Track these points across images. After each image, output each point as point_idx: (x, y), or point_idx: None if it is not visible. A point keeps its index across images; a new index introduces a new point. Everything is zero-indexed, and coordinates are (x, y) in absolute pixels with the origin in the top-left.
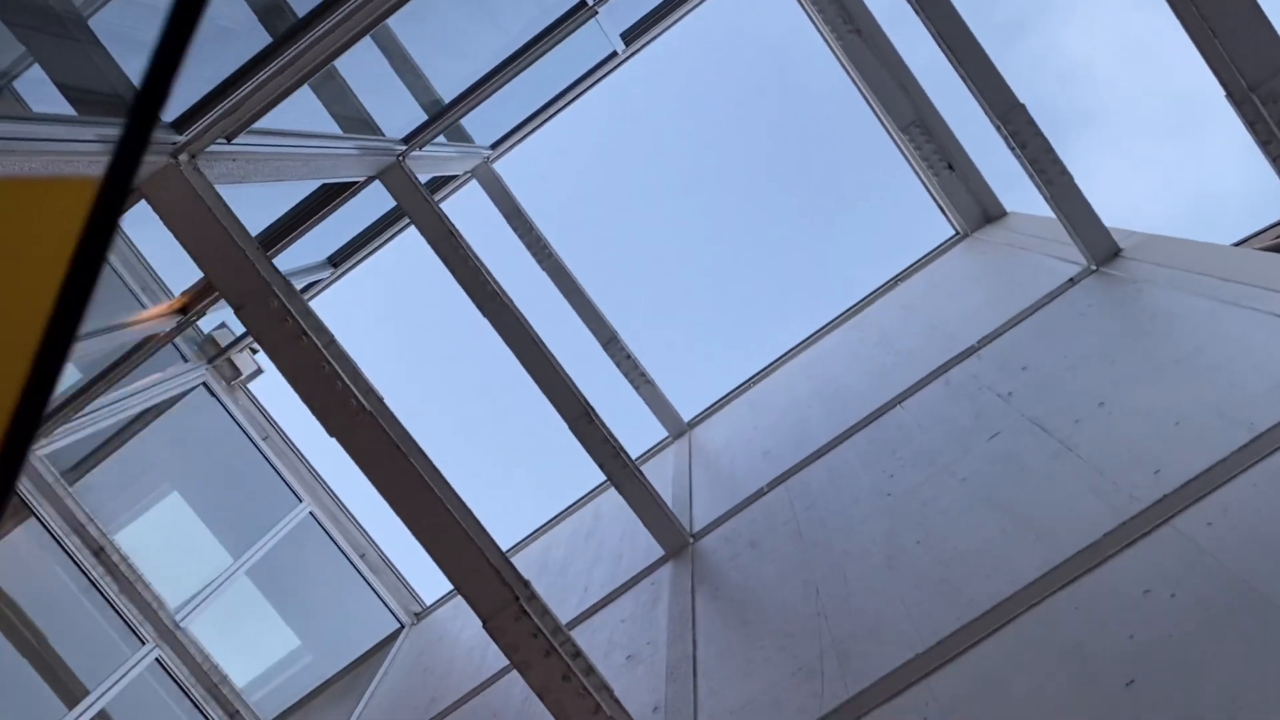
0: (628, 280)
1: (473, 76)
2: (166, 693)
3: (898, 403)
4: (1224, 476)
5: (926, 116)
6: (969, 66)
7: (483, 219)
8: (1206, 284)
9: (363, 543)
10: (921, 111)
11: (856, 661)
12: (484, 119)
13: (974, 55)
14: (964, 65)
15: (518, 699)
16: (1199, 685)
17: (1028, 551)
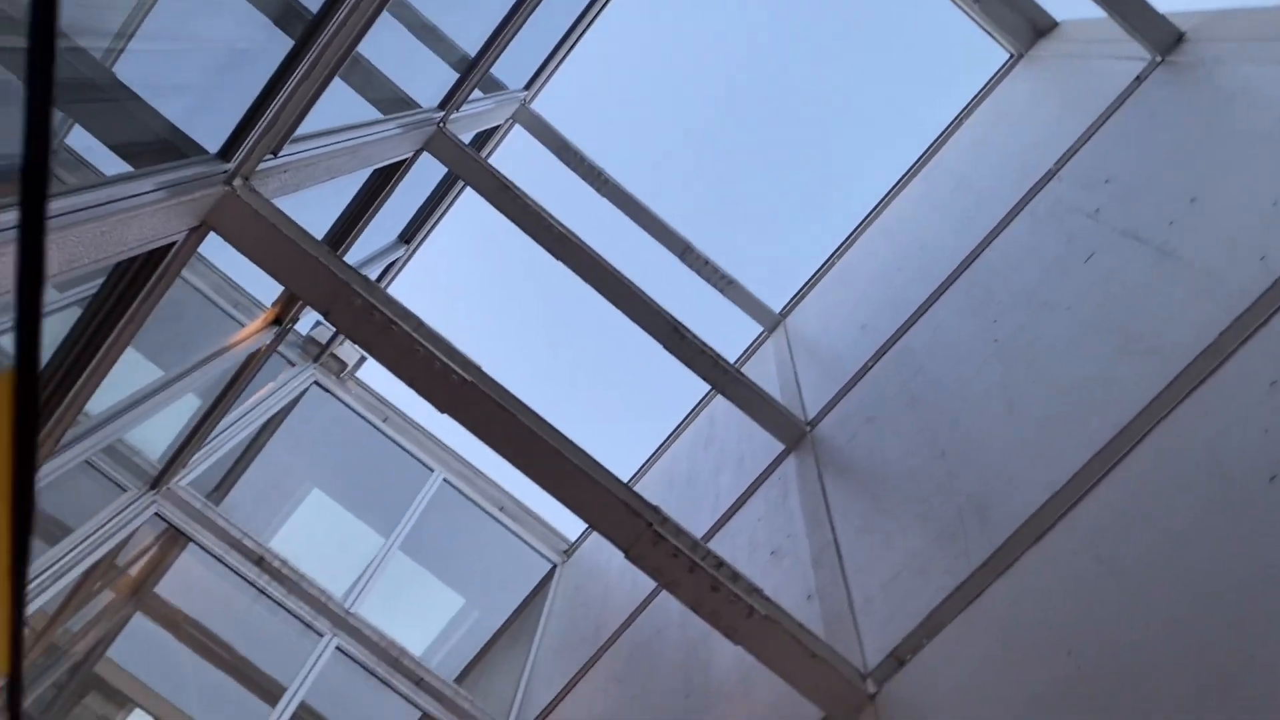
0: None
1: (492, 24)
2: (353, 675)
3: (986, 246)
4: None
5: None
6: None
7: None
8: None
9: (499, 496)
10: None
11: (995, 513)
12: (512, 63)
13: None
14: None
15: (676, 612)
16: None
17: (1145, 368)
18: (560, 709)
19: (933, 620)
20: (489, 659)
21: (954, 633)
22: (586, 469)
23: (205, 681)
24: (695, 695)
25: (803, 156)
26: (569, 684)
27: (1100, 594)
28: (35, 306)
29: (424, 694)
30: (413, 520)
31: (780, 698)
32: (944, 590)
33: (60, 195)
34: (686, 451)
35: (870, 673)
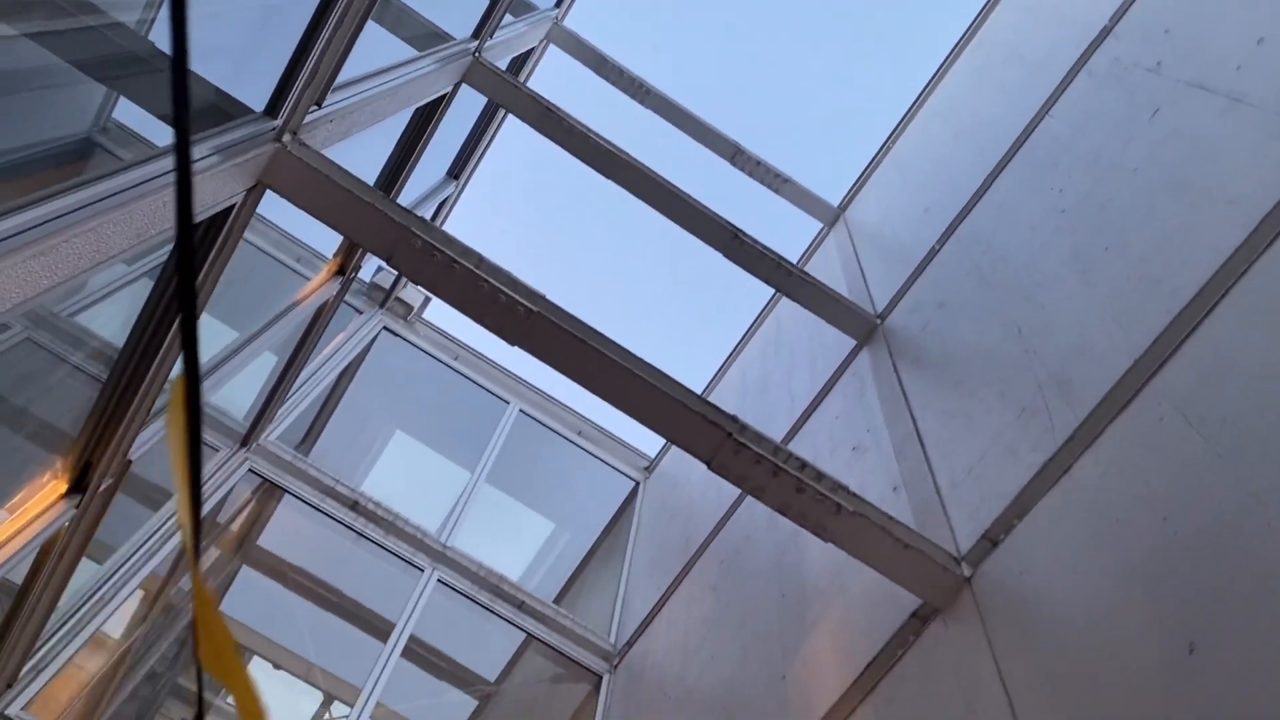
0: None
1: None
2: (457, 605)
3: (1044, 114)
4: None
5: None
6: None
7: (573, 82)
8: None
9: (575, 421)
10: None
11: (1078, 386)
12: None
13: None
14: None
15: (764, 517)
16: None
17: (1223, 221)
18: (658, 620)
19: (1023, 499)
20: (583, 579)
21: (1045, 509)
22: (660, 385)
23: (316, 625)
24: (790, 595)
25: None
26: (664, 595)
27: (1193, 457)
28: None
29: (526, 617)
30: (495, 452)
31: (875, 589)
32: (1032, 468)
33: (120, 171)
34: (757, 358)
35: (964, 556)
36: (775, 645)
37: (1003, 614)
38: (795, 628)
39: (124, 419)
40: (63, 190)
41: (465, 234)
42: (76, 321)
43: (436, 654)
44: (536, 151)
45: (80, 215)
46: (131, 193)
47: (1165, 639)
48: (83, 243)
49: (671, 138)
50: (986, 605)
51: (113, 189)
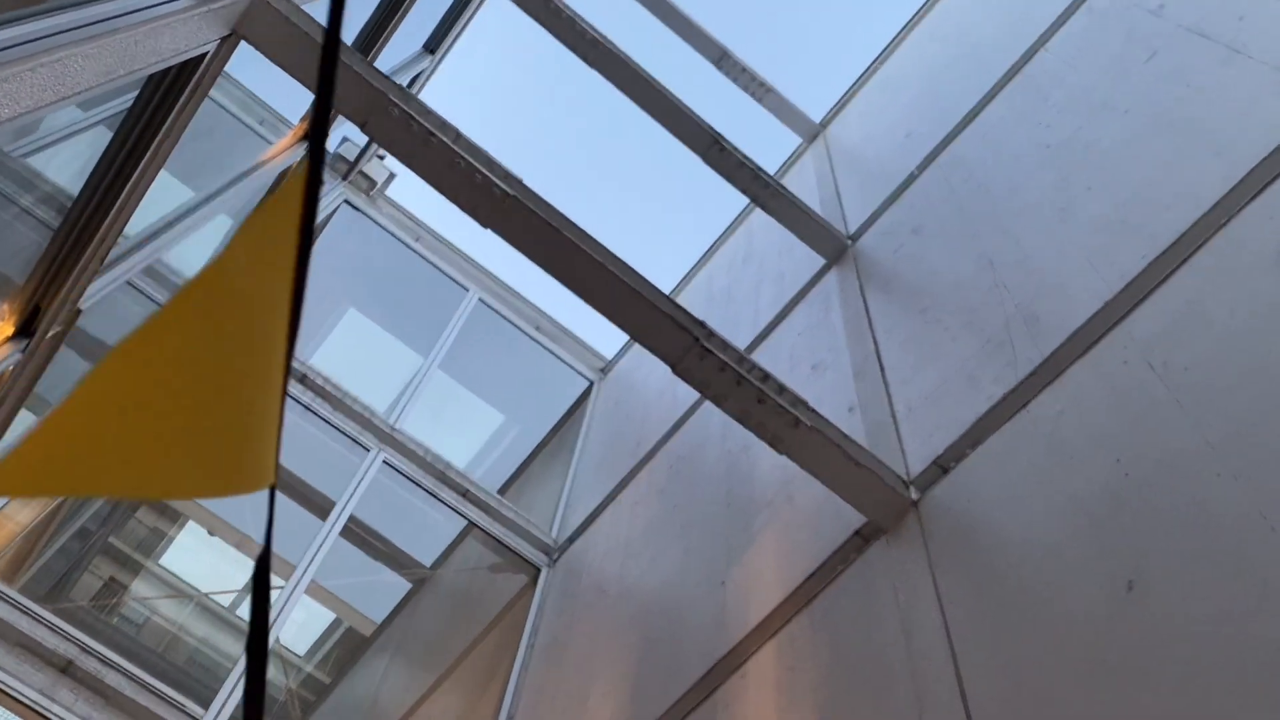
0: None
1: None
2: (401, 488)
3: (1040, 46)
4: None
5: None
6: None
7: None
8: None
9: (535, 315)
10: None
11: (1045, 322)
12: None
13: None
14: None
15: (717, 426)
16: None
17: (1209, 170)
18: (602, 518)
19: (977, 429)
20: (529, 473)
21: (999, 441)
22: (632, 284)
23: (255, 497)
24: (737, 504)
25: None
26: (610, 495)
27: (1153, 401)
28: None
29: (469, 505)
30: (450, 339)
31: (823, 505)
32: (991, 399)
33: (91, 2)
34: (725, 267)
35: (913, 480)
36: (718, 551)
37: (947, 540)
38: (739, 536)
39: (76, 267)
40: (29, 15)
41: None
42: (28, 163)
43: (375, 535)
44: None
45: (45, 44)
46: (102, 26)
47: (1105, 575)
48: (47, 74)
49: (658, 34)
50: (931, 530)
51: (82, 20)
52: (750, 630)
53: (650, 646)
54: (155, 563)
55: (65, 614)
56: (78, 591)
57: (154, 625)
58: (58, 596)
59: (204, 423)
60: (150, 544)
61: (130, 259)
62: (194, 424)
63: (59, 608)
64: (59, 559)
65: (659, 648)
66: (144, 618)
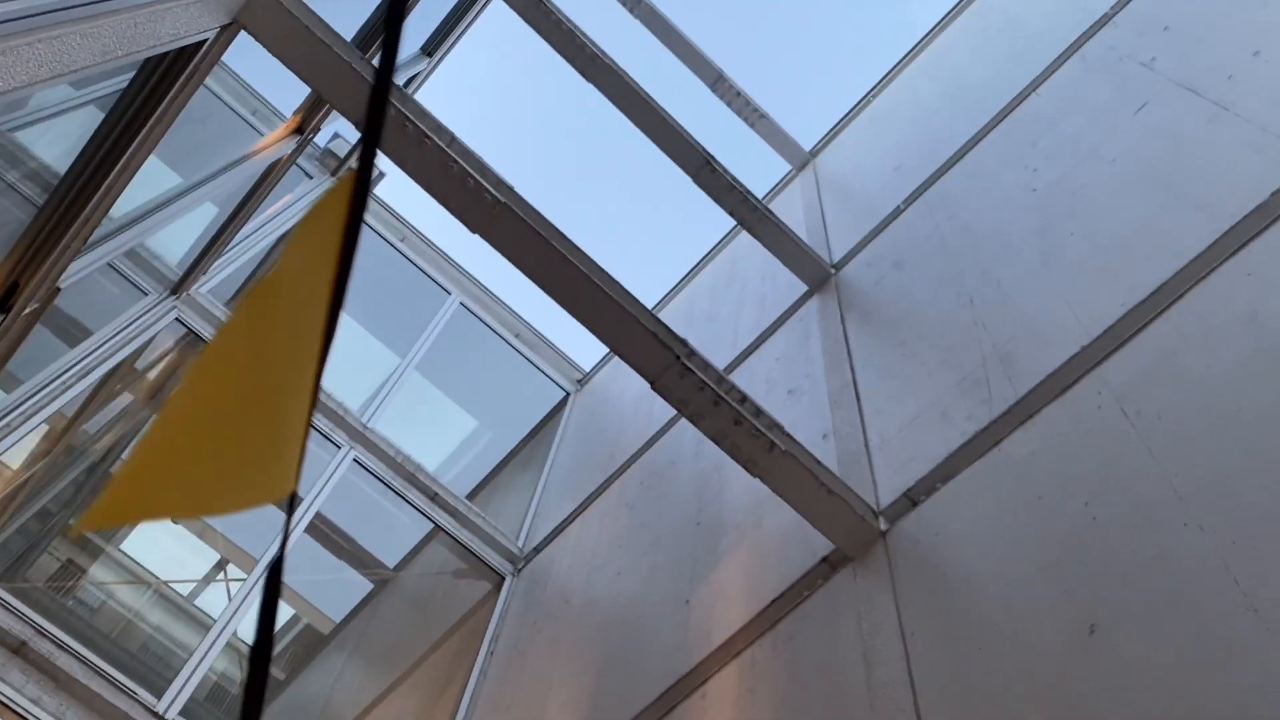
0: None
1: None
2: (370, 487)
3: (1032, 90)
4: None
5: None
6: None
7: None
8: None
9: (515, 323)
10: None
11: (1022, 363)
12: None
13: None
14: None
15: (691, 444)
16: None
17: (1190, 224)
18: (570, 530)
19: (949, 464)
20: (499, 480)
21: (970, 477)
22: (617, 297)
23: None
24: (706, 523)
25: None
26: (579, 507)
27: (1124, 448)
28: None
29: (438, 509)
30: (429, 341)
31: (791, 530)
32: (964, 436)
33: None
34: (707, 288)
35: (883, 510)
36: (684, 570)
37: (913, 572)
38: (706, 555)
39: (58, 245)
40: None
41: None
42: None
43: (340, 533)
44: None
45: (45, 20)
46: (103, 6)
47: (1068, 618)
48: (45, 50)
49: (656, 53)
50: (898, 561)
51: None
52: (712, 650)
53: (611, 661)
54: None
55: (21, 594)
56: (35, 572)
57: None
58: (14, 576)
59: (255, 437)
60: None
61: (113, 241)
62: (248, 439)
63: (14, 587)
64: (17, 539)
65: (620, 663)
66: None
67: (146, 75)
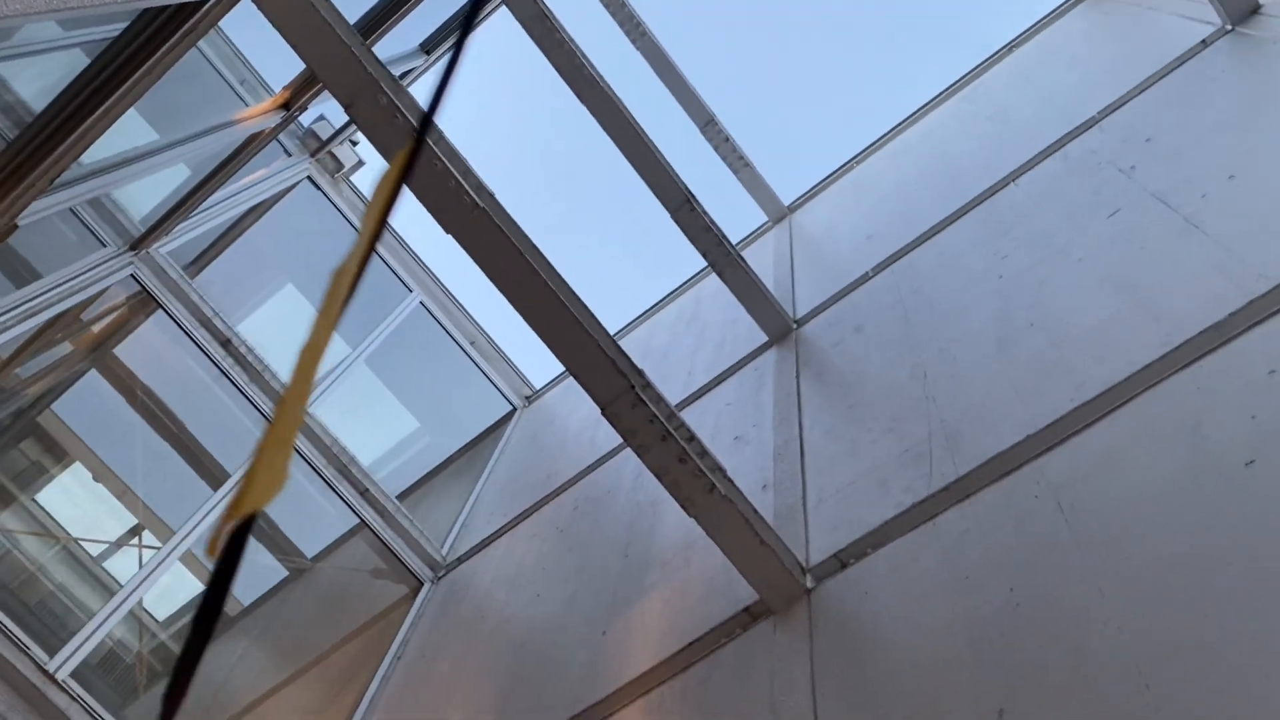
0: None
1: None
2: (301, 474)
3: (1012, 180)
4: None
5: None
6: None
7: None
8: None
9: (472, 330)
10: None
11: (966, 443)
12: None
13: None
14: None
15: (630, 476)
16: None
17: (1147, 332)
18: (497, 544)
19: (882, 531)
20: (433, 485)
21: (901, 548)
22: (582, 319)
23: (150, 452)
24: (635, 557)
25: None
26: (510, 523)
27: (1055, 540)
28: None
29: (367, 505)
30: (382, 336)
31: (718, 575)
32: (900, 506)
33: None
34: (668, 324)
35: (811, 568)
36: (605, 600)
37: (832, 634)
38: (630, 589)
39: (23, 182)
40: None
41: None
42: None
43: (263, 517)
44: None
45: None
46: None
47: (979, 699)
48: None
49: (651, 86)
50: (819, 621)
51: None
52: (622, 685)
53: (519, 682)
54: (30, 497)
55: None
56: None
57: (12, 560)
58: None
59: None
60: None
61: (80, 186)
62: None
63: None
64: None
65: (527, 685)
66: (4, 550)
67: (142, 26)
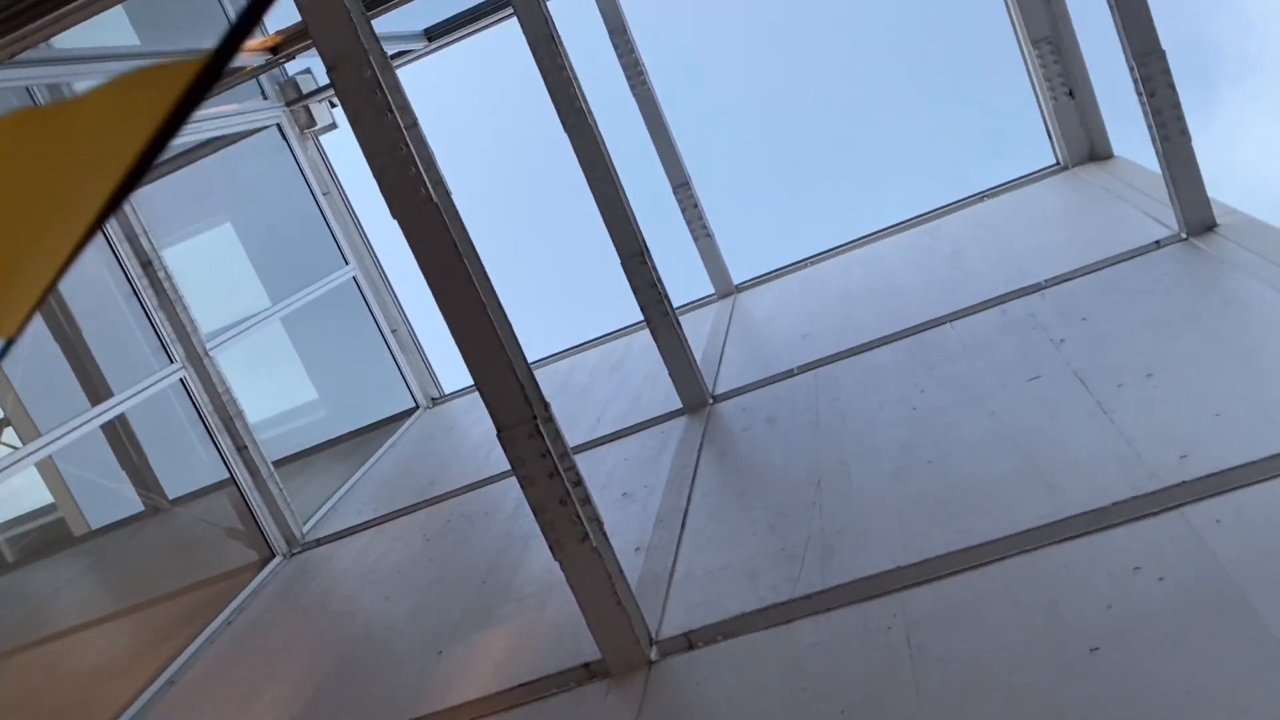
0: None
1: None
2: (184, 413)
3: (949, 321)
4: (1248, 479)
5: (1062, 35)
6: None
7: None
8: None
9: (397, 318)
10: (1058, 29)
11: (839, 557)
12: None
13: None
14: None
15: (511, 504)
16: (1158, 670)
17: (1034, 499)
18: (361, 537)
19: (737, 623)
20: (313, 461)
21: (750, 643)
22: (503, 337)
23: (38, 352)
24: (492, 585)
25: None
26: (380, 518)
27: (896, 675)
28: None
29: (241, 462)
30: (305, 299)
31: (567, 625)
32: (761, 602)
33: None
34: (592, 365)
35: (659, 641)
36: (451, 620)
37: (661, 711)
38: (478, 616)
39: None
40: None
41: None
42: None
43: (134, 445)
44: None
45: None
46: None
47: None
48: None
49: (636, 135)
50: (652, 695)
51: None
52: (443, 709)
53: (343, 679)
54: None
55: None
56: None
57: None
58: None
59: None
60: None
61: (43, 69)
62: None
63: None
64: None
65: (350, 684)
66: None
67: None
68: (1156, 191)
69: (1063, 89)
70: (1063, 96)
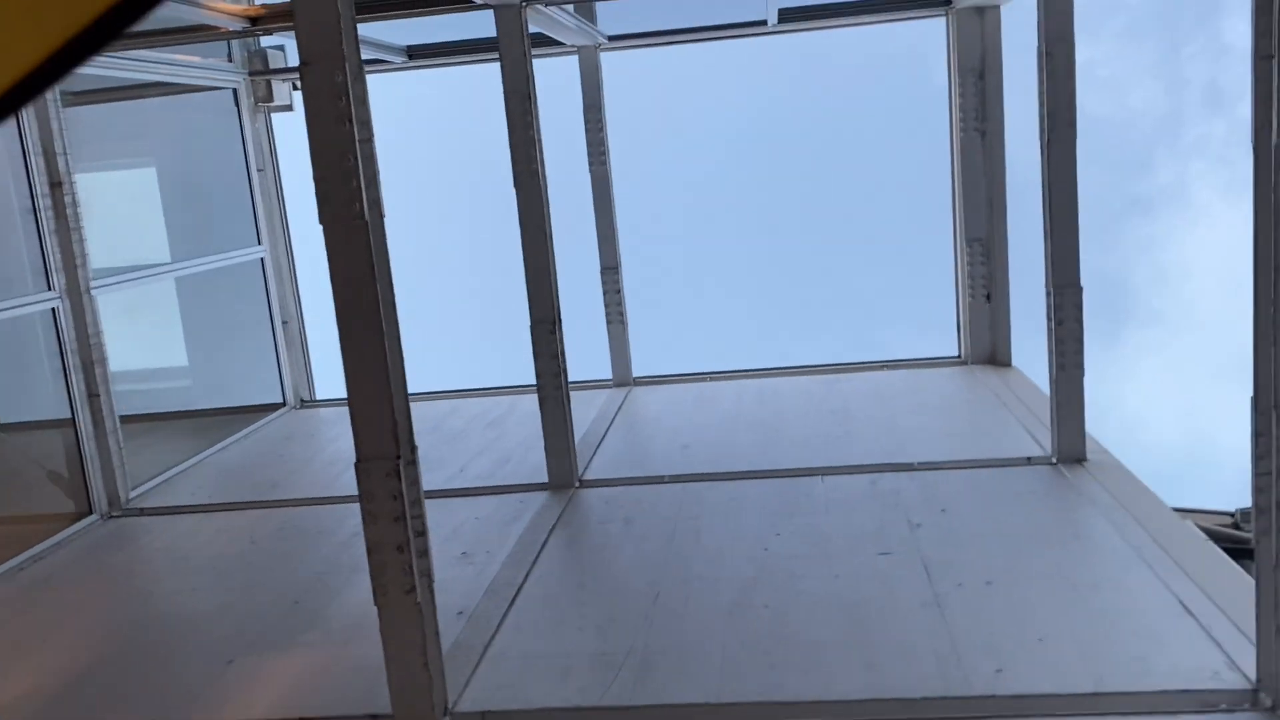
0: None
1: None
2: (44, 345)
3: (821, 474)
4: (1053, 710)
5: (996, 241)
6: (1058, 230)
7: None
8: (1136, 534)
9: (292, 311)
10: (995, 233)
11: (656, 677)
12: (617, 7)
13: (1067, 222)
14: (1054, 227)
15: (347, 531)
16: None
17: (853, 673)
18: (186, 519)
19: (536, 716)
20: (162, 429)
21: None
22: (391, 369)
23: None
24: (305, 608)
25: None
26: (211, 505)
27: None
28: None
29: (88, 408)
30: (207, 266)
31: (368, 670)
32: (564, 702)
33: None
34: (473, 415)
35: (453, 713)
36: (253, 631)
37: None
38: (280, 636)
39: None
40: None
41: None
42: None
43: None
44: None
45: None
46: None
47: None
48: None
49: (579, 209)
50: None
51: None
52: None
53: (119, 663)
54: None
55: None
56: None
57: None
58: None
59: None
60: None
61: None
62: None
63: None
64: None
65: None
66: None
67: None
68: (1041, 411)
69: (982, 291)
70: (980, 298)
